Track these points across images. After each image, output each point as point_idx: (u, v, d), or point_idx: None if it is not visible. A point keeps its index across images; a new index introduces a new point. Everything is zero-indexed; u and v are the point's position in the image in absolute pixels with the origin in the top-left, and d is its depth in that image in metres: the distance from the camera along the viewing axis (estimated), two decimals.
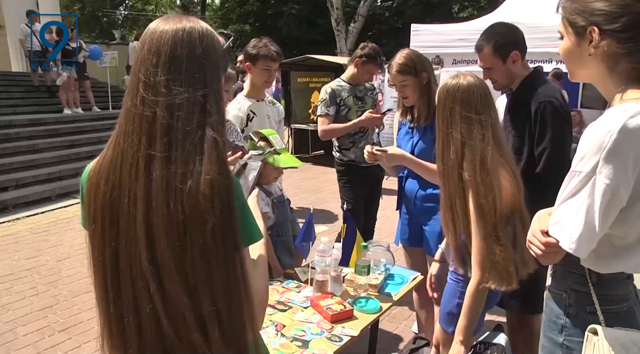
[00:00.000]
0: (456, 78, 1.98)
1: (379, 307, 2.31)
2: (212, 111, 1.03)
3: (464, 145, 1.91)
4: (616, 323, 1.32)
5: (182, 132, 0.99)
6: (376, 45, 3.80)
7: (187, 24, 1.06)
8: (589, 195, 1.21)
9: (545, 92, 2.32)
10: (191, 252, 0.97)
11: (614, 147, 1.16)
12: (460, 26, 8.20)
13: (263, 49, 3.09)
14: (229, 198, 1.00)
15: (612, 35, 1.24)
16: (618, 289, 1.37)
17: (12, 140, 7.70)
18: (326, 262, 2.32)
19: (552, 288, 1.51)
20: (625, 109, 1.19)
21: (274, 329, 2.08)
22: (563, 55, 1.40)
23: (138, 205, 0.98)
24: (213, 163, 0.98)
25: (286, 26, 19.81)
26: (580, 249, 1.25)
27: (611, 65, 1.27)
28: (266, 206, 2.78)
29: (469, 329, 1.92)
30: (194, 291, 0.99)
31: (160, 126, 0.99)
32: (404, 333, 3.52)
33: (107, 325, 1.06)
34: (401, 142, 2.85)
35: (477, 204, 1.85)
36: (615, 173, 1.17)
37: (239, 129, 3.06)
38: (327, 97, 3.66)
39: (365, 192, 3.87)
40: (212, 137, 1.00)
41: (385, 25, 18.78)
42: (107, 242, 1.03)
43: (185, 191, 0.96)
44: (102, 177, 1.03)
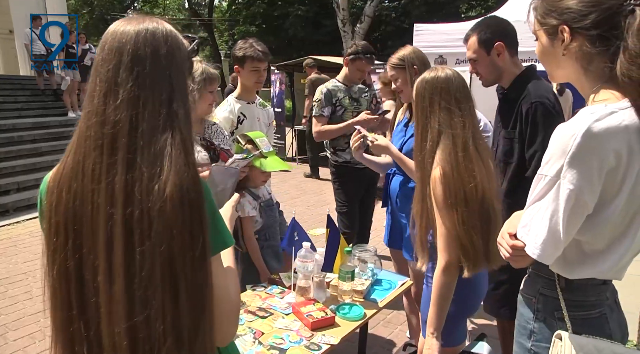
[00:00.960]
0: (434, 71, 1.97)
1: (363, 314, 2.25)
2: (179, 113, 0.99)
3: (441, 133, 1.89)
4: (585, 330, 1.27)
5: (148, 135, 0.95)
6: (366, 42, 3.76)
7: (151, 24, 1.02)
8: (554, 199, 1.18)
9: (536, 92, 2.23)
10: (157, 260, 0.92)
11: (577, 152, 1.12)
12: (463, 25, 8.09)
13: (249, 50, 3.03)
14: (198, 202, 0.96)
15: (582, 33, 1.20)
16: (589, 295, 1.32)
17: (15, 143, 7.75)
18: (308, 267, 2.27)
19: (522, 291, 1.47)
20: (592, 112, 1.14)
21: (251, 337, 2.03)
22: (539, 57, 1.36)
23: (100, 212, 0.94)
24: (181, 166, 0.95)
25: (292, 27, 19.77)
26: (545, 255, 1.21)
27: (585, 64, 1.23)
28: (253, 209, 2.74)
29: (439, 320, 1.88)
30: (159, 300, 0.94)
31: (122, 129, 0.95)
32: (398, 338, 3.46)
33: (69, 344, 1.00)
34: (394, 138, 2.84)
35: (453, 190, 1.81)
36: (579, 178, 1.13)
37: (229, 131, 3.03)
38: (322, 98, 3.62)
39: (360, 193, 3.82)
40: (180, 139, 0.97)
41: (391, 26, 18.67)
42: (71, 254, 0.97)
43: (151, 195, 0.92)
44: (63, 186, 0.98)
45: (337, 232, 2.49)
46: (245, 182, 2.78)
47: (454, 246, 1.83)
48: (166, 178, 0.93)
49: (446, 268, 1.85)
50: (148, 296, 0.93)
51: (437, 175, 1.84)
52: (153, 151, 0.94)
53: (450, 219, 1.82)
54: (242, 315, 2.20)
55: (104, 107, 0.96)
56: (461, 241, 1.82)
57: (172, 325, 0.94)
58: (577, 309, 1.31)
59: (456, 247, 1.83)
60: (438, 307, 1.88)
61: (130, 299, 0.93)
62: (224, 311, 1.04)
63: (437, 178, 1.84)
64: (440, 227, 1.85)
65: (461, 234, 1.81)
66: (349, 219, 3.79)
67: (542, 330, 1.36)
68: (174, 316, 0.95)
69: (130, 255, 0.92)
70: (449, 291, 1.88)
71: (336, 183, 3.82)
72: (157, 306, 0.93)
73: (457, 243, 1.82)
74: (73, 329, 0.98)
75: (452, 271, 1.86)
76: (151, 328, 0.93)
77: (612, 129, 1.11)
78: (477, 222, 1.82)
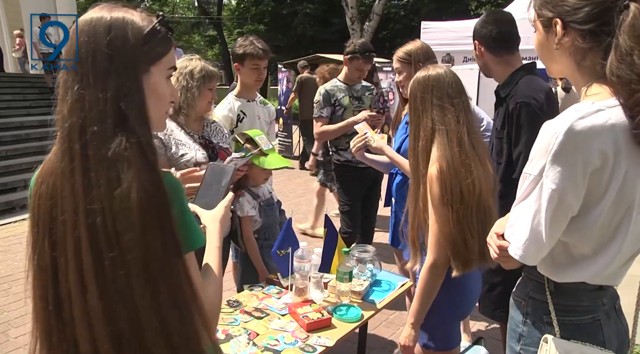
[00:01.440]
0: (425, 70, 1.96)
1: (360, 316, 2.22)
2: (129, 112, 0.94)
3: (434, 131, 1.87)
4: (576, 335, 1.23)
5: (98, 140, 0.92)
6: (365, 40, 3.74)
7: (96, 14, 0.97)
8: (536, 199, 1.14)
9: (524, 92, 2.19)
10: (131, 266, 0.90)
11: (559, 150, 1.08)
12: (470, 23, 8.01)
13: (249, 47, 3.01)
14: (164, 204, 0.93)
15: (574, 28, 1.17)
16: (581, 300, 1.27)
17: (23, 141, 7.80)
18: (304, 268, 2.24)
19: (514, 294, 1.44)
20: (577, 109, 1.10)
21: (246, 338, 2.00)
22: (536, 50, 1.33)
23: (67, 219, 0.92)
24: (140, 170, 0.91)
25: (301, 25, 19.75)
26: (527, 256, 1.18)
27: (578, 59, 1.19)
28: (253, 209, 2.72)
29: (421, 312, 1.91)
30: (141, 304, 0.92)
31: (74, 135, 0.92)
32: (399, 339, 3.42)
33: (47, 337, 0.98)
34: (397, 135, 2.83)
35: (449, 187, 1.78)
36: (561, 177, 1.08)
37: (229, 130, 3.00)
38: (320, 99, 3.61)
39: (363, 193, 3.79)
40: (136, 141, 0.93)
41: (400, 24, 18.56)
42: (47, 252, 0.96)
43: (113, 202, 0.90)
44: (43, 182, 0.98)
45: (335, 232, 2.46)
46: (245, 181, 2.76)
47: (443, 244, 1.82)
48: (128, 184, 0.90)
49: (433, 266, 1.85)
50: (127, 301, 0.91)
51: (433, 172, 1.82)
52: (107, 157, 0.91)
53: (444, 217, 1.80)
54: (238, 315, 2.18)
55: (62, 113, 0.94)
56: (453, 240, 1.80)
57: (160, 325, 0.93)
58: (568, 314, 1.27)
59: (446, 246, 1.82)
60: (420, 302, 1.91)
61: (107, 305, 0.91)
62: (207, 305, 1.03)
63: (434, 175, 1.81)
64: (433, 225, 1.84)
65: (454, 233, 1.79)
66: (352, 219, 3.76)
67: (531, 334, 1.32)
68: (158, 316, 0.93)
69: (100, 263, 0.90)
70: (434, 289, 1.88)
71: (338, 183, 3.80)
72: (141, 309, 0.92)
73: (449, 242, 1.81)
74: (51, 323, 0.97)
75: (439, 269, 1.86)
76: (136, 330, 0.92)
77: (596, 127, 1.07)
78: (474, 220, 1.79)
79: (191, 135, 2.50)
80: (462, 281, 1.86)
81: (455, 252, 1.81)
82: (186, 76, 2.43)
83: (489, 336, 3.36)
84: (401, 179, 2.67)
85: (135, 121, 0.94)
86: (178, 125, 2.47)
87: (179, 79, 2.43)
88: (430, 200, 1.84)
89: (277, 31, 20.85)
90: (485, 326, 3.53)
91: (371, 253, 2.60)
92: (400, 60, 2.76)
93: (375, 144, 2.62)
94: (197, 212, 1.33)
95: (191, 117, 2.51)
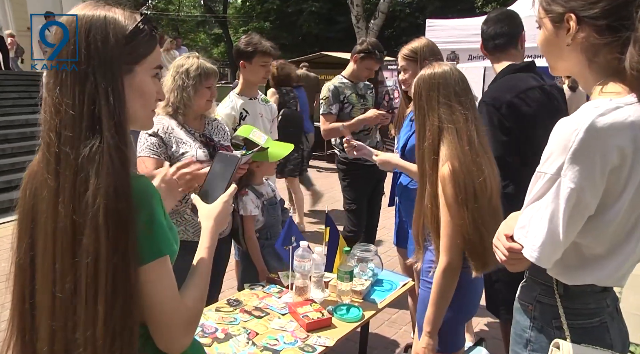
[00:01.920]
0: (430, 67, 1.92)
1: (361, 315, 2.20)
2: (102, 116, 0.93)
3: (442, 130, 1.84)
4: (585, 339, 1.21)
5: (71, 143, 0.92)
6: (376, 39, 3.69)
7: (80, 12, 0.96)
8: (553, 199, 1.10)
9: (490, 92, 2.23)
10: (82, 270, 0.91)
11: (579, 148, 1.04)
12: (475, 21, 7.99)
13: (259, 45, 3.00)
14: (126, 212, 0.92)
15: (589, 23, 1.12)
16: (588, 303, 1.25)
17: (28, 139, 7.82)
18: (305, 267, 2.22)
19: (519, 298, 1.40)
20: (596, 106, 1.07)
21: (245, 337, 1.99)
22: (541, 47, 1.28)
23: (46, 220, 0.94)
24: (107, 174, 0.91)
25: (306, 23, 19.72)
26: (543, 258, 1.14)
27: (590, 56, 1.15)
28: (256, 208, 2.70)
29: (437, 320, 1.85)
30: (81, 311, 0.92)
31: (50, 138, 0.93)
32: (402, 338, 3.40)
33: (21, 334, 1.00)
34: (401, 133, 2.79)
35: (463, 186, 1.75)
36: (581, 176, 1.05)
37: (232, 128, 2.99)
38: (329, 95, 3.55)
39: (369, 191, 3.77)
40: (108, 144, 0.92)
41: (405, 22, 18.48)
42: (27, 251, 0.98)
43: (79, 206, 0.90)
44: (31, 178, 0.99)
45: (337, 231, 2.44)
46: (248, 179, 2.74)
47: (459, 245, 1.78)
48: (94, 189, 0.90)
49: (448, 269, 1.80)
50: (68, 305, 0.92)
51: (445, 172, 1.78)
52: (78, 161, 0.91)
53: (460, 217, 1.76)
54: (238, 314, 2.17)
55: (43, 115, 0.95)
56: (471, 240, 1.76)
57: (91, 336, 0.92)
58: (576, 318, 1.24)
59: (462, 247, 1.78)
60: (437, 307, 1.84)
61: (52, 307, 0.93)
62: (171, 321, 0.99)
63: (447, 175, 1.77)
64: (447, 226, 1.79)
65: (471, 232, 1.75)
66: (357, 218, 3.73)
67: (539, 339, 1.29)
68: (91, 327, 0.92)
69: (53, 264, 0.92)
70: (450, 292, 1.83)
71: (345, 180, 3.75)
72: (78, 317, 0.92)
73: (466, 242, 1.77)
74: (25, 320, 0.99)
75: (454, 271, 1.81)
76: (68, 337, 0.93)
77: (617, 124, 1.04)
78: (488, 218, 1.76)
79: (192, 133, 2.49)
80: (468, 283, 1.83)
81: (473, 252, 1.77)
82: (182, 75, 2.41)
83: (491, 336, 3.34)
84: (405, 179, 2.65)
85: (108, 125, 0.93)
86: (178, 123, 2.46)
87: (175, 78, 2.41)
88: (443, 201, 1.80)
89: (282, 29, 20.85)
90: (486, 324, 3.51)
91: (373, 252, 2.58)
92: (405, 58, 2.72)
93: (381, 158, 2.60)
94: (196, 204, 1.31)
95: (190, 116, 2.50)
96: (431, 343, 1.85)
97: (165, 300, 0.99)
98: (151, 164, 2.34)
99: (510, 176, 2.10)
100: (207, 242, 1.19)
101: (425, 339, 1.86)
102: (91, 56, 0.93)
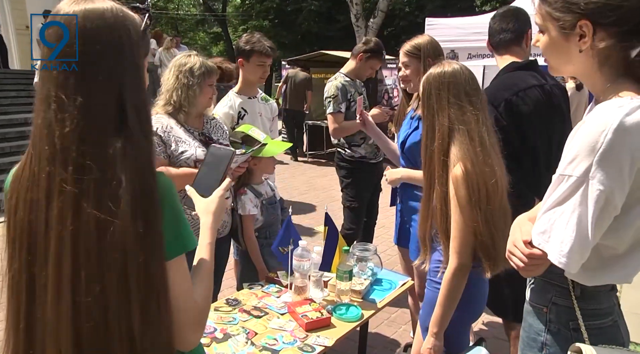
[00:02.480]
0: (440, 66, 1.89)
1: (360, 315, 2.19)
2: (129, 114, 0.92)
3: (452, 130, 1.81)
4: (601, 339, 1.20)
5: (97, 145, 0.89)
6: (378, 39, 3.68)
7: (86, 5, 0.93)
8: (581, 202, 1.07)
9: (489, 90, 2.24)
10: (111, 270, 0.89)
11: (609, 149, 1.03)
12: (475, 19, 7.99)
13: (257, 44, 2.99)
14: (154, 210, 0.92)
15: (606, 29, 1.10)
16: (602, 302, 1.24)
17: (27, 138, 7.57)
18: (304, 266, 2.21)
19: (531, 301, 1.37)
20: (620, 105, 1.05)
21: (244, 337, 1.98)
22: (546, 51, 1.25)
23: (52, 231, 0.89)
24: (135, 174, 0.90)
25: (305, 22, 19.64)
26: (571, 263, 1.11)
27: (602, 60, 1.14)
28: (255, 207, 2.70)
29: (444, 321, 1.83)
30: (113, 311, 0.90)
31: (71, 142, 0.89)
32: (401, 337, 3.40)
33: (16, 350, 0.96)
34: (401, 131, 2.77)
35: (476, 188, 1.73)
36: (610, 178, 1.04)
37: (230, 127, 2.98)
38: (338, 94, 3.51)
39: (371, 190, 3.76)
40: (133, 145, 0.91)
41: (405, 21, 18.39)
42: (25, 267, 0.93)
43: (103, 207, 0.88)
44: (20, 194, 0.94)
45: (336, 230, 2.43)
46: (247, 179, 2.74)
47: (469, 247, 1.77)
48: (121, 188, 0.88)
49: (458, 270, 1.79)
50: (99, 306, 0.89)
51: (458, 173, 1.76)
52: (104, 161, 0.89)
53: (472, 219, 1.74)
54: (236, 314, 2.16)
55: (51, 118, 0.90)
56: (484, 241, 1.75)
57: (127, 335, 0.90)
58: (592, 319, 1.23)
59: (471, 249, 1.77)
60: (445, 308, 1.83)
61: (77, 312, 0.89)
62: (184, 318, 0.99)
63: (459, 176, 1.75)
64: (458, 227, 1.78)
65: (484, 233, 1.74)
66: (357, 216, 3.72)
67: (556, 341, 1.27)
68: (127, 325, 0.90)
69: (78, 268, 0.88)
70: (458, 293, 1.82)
71: (349, 178, 3.72)
72: (111, 317, 0.89)
73: (478, 243, 1.76)
74: (20, 338, 0.94)
75: (464, 273, 1.80)
76: (100, 338, 0.89)
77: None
78: (499, 220, 1.75)
79: (191, 132, 2.48)
80: (476, 284, 1.82)
81: (486, 253, 1.76)
82: (186, 74, 2.41)
83: (492, 336, 3.33)
84: None
85: (136, 123, 0.93)
86: (177, 122, 2.45)
87: (179, 77, 2.41)
88: (455, 202, 1.78)
89: (281, 28, 20.77)
90: (486, 324, 3.50)
91: (372, 252, 2.58)
92: (408, 54, 2.68)
93: (391, 177, 2.60)
94: (192, 197, 1.30)
95: (192, 114, 2.49)
96: (437, 344, 1.84)
97: (180, 297, 0.99)
98: None
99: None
100: (208, 238, 1.19)
101: (431, 340, 1.85)
102: (117, 50, 0.92)
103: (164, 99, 2.45)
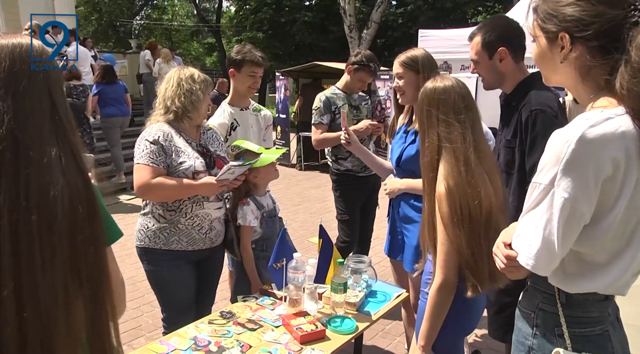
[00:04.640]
0: (434, 81, 1.90)
1: (355, 327, 2.18)
2: (63, 122, 1.00)
3: (441, 148, 1.83)
4: (587, 348, 1.22)
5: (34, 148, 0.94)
6: (370, 52, 3.70)
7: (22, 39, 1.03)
8: (548, 208, 1.13)
9: (538, 100, 2.10)
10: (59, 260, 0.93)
11: (571, 159, 1.08)
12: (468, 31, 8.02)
13: (248, 54, 3.01)
14: (94, 205, 1.00)
15: (583, 43, 1.16)
16: (590, 311, 1.26)
17: None
18: (298, 279, 2.21)
19: (521, 306, 1.41)
20: (587, 118, 1.10)
21: (238, 350, 1.97)
22: (536, 60, 1.33)
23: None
24: (73, 174, 0.97)
25: (299, 33, 19.71)
26: (539, 266, 1.17)
27: (583, 72, 1.19)
28: (255, 219, 2.68)
29: (431, 334, 1.84)
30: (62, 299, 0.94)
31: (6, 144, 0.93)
32: (396, 349, 3.39)
33: None
34: (394, 145, 2.76)
35: (459, 207, 1.74)
36: (574, 186, 1.08)
37: (224, 137, 2.99)
38: (321, 106, 3.57)
39: (361, 202, 3.76)
40: (69, 148, 0.98)
41: (398, 32, 18.51)
42: None
43: (46, 205, 0.92)
44: None
45: (330, 242, 2.43)
46: (250, 190, 2.73)
47: (454, 264, 1.78)
48: (61, 187, 0.94)
49: (443, 286, 1.80)
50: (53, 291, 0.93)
51: (441, 191, 1.78)
52: (42, 163, 0.94)
53: (456, 236, 1.76)
54: (231, 327, 2.15)
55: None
56: (466, 260, 1.76)
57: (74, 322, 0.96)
58: (578, 326, 1.25)
59: (456, 265, 1.78)
60: (431, 322, 1.84)
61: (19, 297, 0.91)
62: (118, 291, 1.09)
63: (442, 194, 1.78)
64: (444, 243, 1.79)
65: (467, 253, 1.75)
66: (350, 228, 3.72)
67: (542, 346, 1.30)
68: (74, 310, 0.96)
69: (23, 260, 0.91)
70: (444, 309, 1.83)
71: (337, 191, 3.75)
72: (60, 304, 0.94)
73: (463, 261, 1.77)
74: None
75: (449, 289, 1.81)
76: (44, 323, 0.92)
77: (608, 135, 1.08)
78: (482, 241, 1.75)
79: (189, 142, 2.48)
80: (468, 299, 1.82)
81: (470, 272, 1.77)
82: (188, 80, 2.45)
83: (486, 347, 3.33)
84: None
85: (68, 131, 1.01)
86: (177, 132, 2.45)
87: (181, 84, 2.44)
88: (440, 219, 1.80)
89: (275, 39, 20.84)
90: (480, 336, 3.49)
91: (366, 263, 2.57)
92: (403, 65, 2.64)
93: (390, 187, 2.61)
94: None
95: (194, 122, 2.51)
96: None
97: (115, 275, 1.10)
98: (149, 172, 2.33)
99: None
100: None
101: (418, 353, 1.87)
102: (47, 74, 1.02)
103: (163, 108, 2.47)
